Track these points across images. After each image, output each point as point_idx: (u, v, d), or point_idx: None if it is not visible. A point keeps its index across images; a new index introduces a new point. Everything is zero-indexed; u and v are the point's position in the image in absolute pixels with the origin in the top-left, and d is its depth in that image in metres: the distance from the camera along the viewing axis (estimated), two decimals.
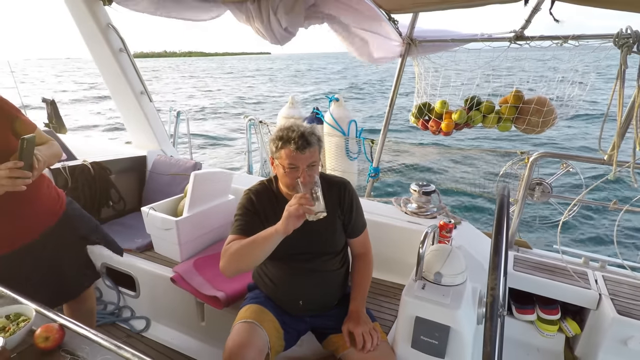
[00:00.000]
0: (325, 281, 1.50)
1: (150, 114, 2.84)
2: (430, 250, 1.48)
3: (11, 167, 1.20)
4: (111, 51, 2.39)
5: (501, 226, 1.11)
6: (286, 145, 1.31)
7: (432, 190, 2.24)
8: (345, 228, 1.51)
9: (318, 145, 1.36)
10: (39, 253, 1.49)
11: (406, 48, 2.24)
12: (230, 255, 1.35)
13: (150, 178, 2.86)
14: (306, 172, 1.32)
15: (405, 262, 2.11)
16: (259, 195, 1.47)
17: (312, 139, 1.32)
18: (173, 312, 2.17)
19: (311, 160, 1.33)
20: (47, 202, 1.51)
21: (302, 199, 1.20)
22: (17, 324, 1.10)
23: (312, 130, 1.35)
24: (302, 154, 1.30)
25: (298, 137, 1.29)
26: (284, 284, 1.49)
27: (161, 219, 2.13)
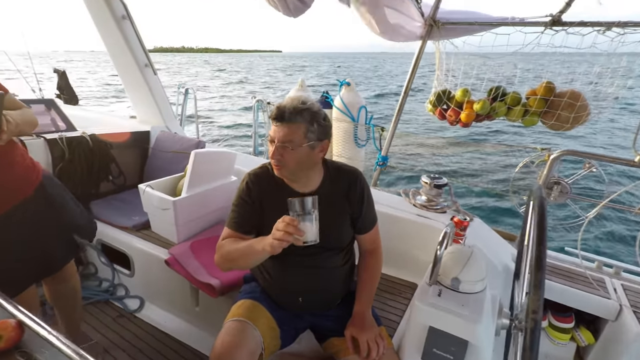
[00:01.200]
0: (328, 278, 1.29)
1: (154, 88, 2.59)
2: (448, 252, 1.25)
3: None
4: (113, 18, 2.12)
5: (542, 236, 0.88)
6: (270, 114, 1.13)
7: (444, 184, 2.01)
8: (353, 223, 1.29)
9: (305, 127, 1.09)
10: (15, 226, 1.28)
11: (428, 30, 1.97)
12: (222, 255, 1.19)
13: (153, 154, 2.64)
14: (277, 149, 1.11)
15: (412, 257, 1.89)
16: (257, 180, 1.24)
17: (293, 114, 1.07)
18: (167, 295, 1.98)
19: (285, 137, 1.09)
20: (20, 172, 1.29)
21: (290, 226, 0.97)
22: None
23: (302, 108, 1.09)
24: (275, 126, 1.11)
25: (277, 107, 1.10)
26: (282, 280, 1.28)
27: (158, 197, 1.92)
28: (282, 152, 1.10)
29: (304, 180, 1.21)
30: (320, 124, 1.12)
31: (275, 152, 1.11)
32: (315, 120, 1.11)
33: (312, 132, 1.11)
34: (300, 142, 1.10)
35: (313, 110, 1.10)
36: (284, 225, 0.98)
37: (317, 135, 1.12)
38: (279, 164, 1.13)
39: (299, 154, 1.11)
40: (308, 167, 1.17)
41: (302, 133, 1.09)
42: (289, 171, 1.15)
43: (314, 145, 1.13)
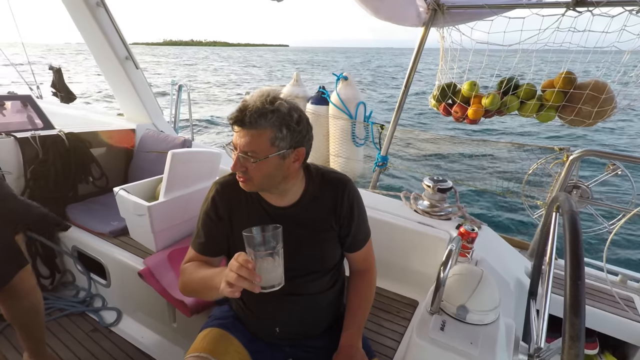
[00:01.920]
0: (310, 306, 1.08)
1: (137, 83, 2.39)
2: (453, 273, 1.03)
3: None
4: (87, 5, 1.92)
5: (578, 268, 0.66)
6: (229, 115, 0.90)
7: (448, 187, 1.79)
8: (341, 241, 1.08)
9: (272, 132, 0.86)
10: None
11: (431, 15, 1.74)
12: (183, 283, 1.01)
13: (137, 154, 2.45)
14: (238, 160, 0.89)
15: (412, 271, 1.68)
16: (225, 190, 1.03)
17: (256, 117, 0.84)
18: (144, 308, 1.79)
19: (246, 147, 0.86)
20: None
21: (244, 269, 0.77)
22: None
23: (268, 109, 0.85)
24: (236, 132, 0.89)
25: (238, 108, 0.87)
26: (256, 307, 1.07)
27: (133, 203, 1.72)
28: (245, 164, 0.89)
29: (279, 192, 1.00)
30: (292, 128, 0.89)
31: (237, 163, 0.89)
32: (285, 124, 0.87)
33: (281, 139, 0.88)
34: (265, 152, 0.87)
35: (281, 111, 0.87)
36: (237, 267, 0.78)
37: (289, 142, 0.89)
38: (243, 176, 0.91)
39: (266, 166, 0.89)
40: (280, 179, 0.95)
41: (268, 140, 0.87)
42: (256, 185, 0.93)
43: (284, 154, 0.90)
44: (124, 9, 49.71)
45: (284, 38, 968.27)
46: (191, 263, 1.02)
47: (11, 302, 1.38)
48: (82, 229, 1.99)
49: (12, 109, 2.25)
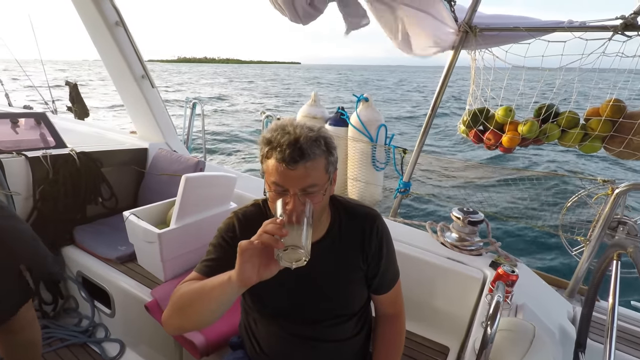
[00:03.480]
0: (335, 353, 0.99)
1: (153, 101, 2.39)
2: (499, 330, 0.93)
3: None
4: (105, 24, 1.93)
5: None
6: (273, 153, 0.80)
7: (479, 220, 1.69)
8: (368, 282, 0.99)
9: (326, 159, 0.82)
10: None
11: (462, 37, 1.68)
12: (173, 302, 0.85)
13: (149, 175, 2.42)
14: (298, 199, 0.80)
15: (441, 312, 1.57)
16: (246, 221, 0.96)
17: (313, 148, 0.78)
18: (149, 343, 1.71)
19: (306, 181, 0.79)
20: None
21: (272, 225, 0.71)
22: None
23: (318, 135, 0.81)
24: (291, 170, 0.78)
25: (288, 143, 0.78)
26: (275, 353, 0.98)
27: (143, 229, 1.66)
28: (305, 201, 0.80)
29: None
30: (335, 150, 0.86)
31: (298, 204, 0.79)
32: (333, 147, 0.84)
33: (331, 163, 0.84)
34: (324, 182, 0.82)
35: (325, 135, 0.83)
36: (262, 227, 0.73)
37: (334, 165, 0.86)
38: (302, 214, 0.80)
39: (325, 197, 0.85)
40: (324, 209, 0.90)
41: (323, 168, 0.82)
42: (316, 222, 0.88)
43: (332, 179, 0.87)
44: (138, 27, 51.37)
45: (295, 55, 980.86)
46: (185, 283, 0.90)
47: (7, 336, 1.31)
48: (88, 253, 1.94)
49: (26, 126, 2.26)
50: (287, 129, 0.81)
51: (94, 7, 1.85)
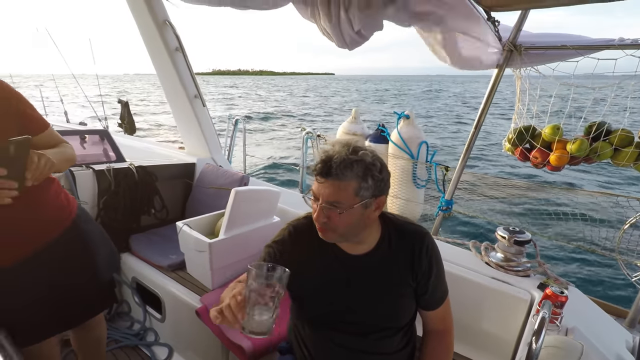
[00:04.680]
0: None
1: (202, 119, 2.63)
2: (545, 346, 0.97)
3: None
4: (167, 50, 2.20)
5: None
6: (312, 166, 0.97)
7: (526, 240, 1.71)
8: (418, 298, 1.07)
9: (357, 183, 0.92)
10: (37, 270, 1.23)
11: (506, 56, 1.75)
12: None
13: (196, 188, 2.63)
14: (322, 211, 0.93)
15: (485, 332, 1.59)
16: (298, 233, 1.08)
17: (342, 169, 0.89)
18: (197, 348, 1.85)
19: (331, 197, 0.91)
20: (51, 211, 1.26)
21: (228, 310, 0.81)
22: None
23: (353, 159, 0.91)
24: (320, 183, 0.94)
25: (322, 159, 0.93)
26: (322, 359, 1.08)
27: (195, 238, 1.84)
28: (329, 214, 0.93)
29: (356, 241, 1.03)
30: (376, 177, 0.93)
31: (320, 214, 0.94)
32: (370, 174, 0.92)
33: (365, 189, 0.93)
34: (350, 203, 0.92)
35: (366, 161, 0.92)
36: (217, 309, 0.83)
37: (372, 191, 0.94)
38: (324, 227, 0.96)
39: (350, 216, 0.93)
40: (360, 229, 0.99)
41: (353, 191, 0.92)
42: (338, 235, 0.98)
43: (367, 203, 0.94)
44: None
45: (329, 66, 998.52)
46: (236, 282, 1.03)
47: (82, 332, 1.51)
48: (142, 260, 2.15)
49: (90, 142, 2.57)
50: (328, 151, 0.94)
51: (158, 34, 2.12)
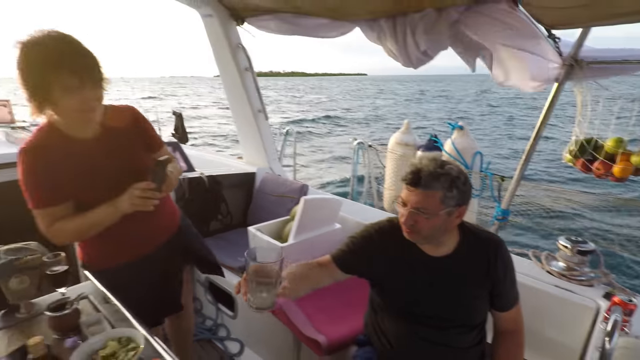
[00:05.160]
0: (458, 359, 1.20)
1: (264, 131, 2.87)
2: (619, 347, 1.07)
3: (144, 187, 1.21)
4: (237, 70, 2.46)
5: None
6: (403, 176, 1.12)
7: (590, 250, 1.77)
8: (492, 300, 1.20)
9: (442, 193, 1.06)
10: (152, 266, 1.48)
11: (567, 71, 1.83)
12: None
13: (257, 196, 2.87)
14: (410, 214, 1.09)
15: (549, 339, 1.67)
16: (383, 232, 1.24)
17: (430, 180, 1.06)
18: (268, 343, 2.05)
19: (419, 204, 1.07)
20: (165, 218, 1.51)
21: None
22: (127, 351, 1.04)
23: (440, 173, 1.06)
24: (409, 191, 1.10)
25: (412, 170, 1.09)
26: (405, 352, 1.22)
27: (267, 242, 2.05)
28: (416, 219, 1.09)
29: (437, 243, 1.18)
30: (460, 189, 1.09)
31: (409, 218, 1.10)
32: (455, 185, 1.08)
33: (450, 198, 1.08)
34: (436, 210, 1.07)
35: (452, 175, 1.08)
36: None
37: (456, 201, 1.09)
38: (410, 229, 1.12)
39: (434, 221, 1.08)
40: (442, 233, 1.14)
41: (439, 200, 1.07)
42: (422, 237, 1.14)
43: (450, 212, 1.10)
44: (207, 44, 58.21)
45: (361, 67, 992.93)
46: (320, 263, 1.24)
47: (176, 320, 1.75)
48: None
49: None
50: (422, 162, 1.11)
51: (231, 56, 2.38)
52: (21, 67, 1.06)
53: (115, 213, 1.23)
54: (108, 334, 1.08)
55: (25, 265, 1.20)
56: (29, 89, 1.08)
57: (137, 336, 1.08)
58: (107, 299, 1.31)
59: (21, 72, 1.07)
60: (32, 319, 1.25)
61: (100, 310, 1.30)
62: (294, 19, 1.99)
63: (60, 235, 1.22)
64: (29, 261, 1.21)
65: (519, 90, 1.96)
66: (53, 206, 1.20)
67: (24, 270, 1.21)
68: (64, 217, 1.22)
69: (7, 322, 1.23)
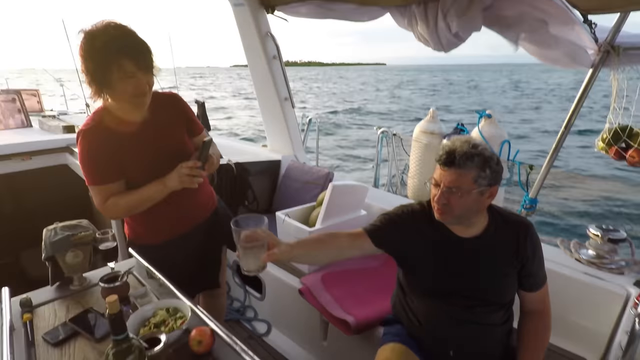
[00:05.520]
0: (486, 336, 1.25)
1: (290, 119, 2.94)
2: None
3: (191, 166, 1.32)
4: (266, 58, 2.52)
5: None
6: (437, 157, 1.17)
7: (621, 238, 1.78)
8: (521, 280, 1.24)
9: (476, 172, 1.11)
10: (192, 243, 1.59)
11: (602, 57, 1.82)
12: None
13: (283, 182, 2.95)
14: (443, 194, 1.14)
15: (578, 325, 1.69)
16: (414, 213, 1.29)
17: (464, 159, 1.10)
18: (295, 324, 2.14)
19: (453, 183, 1.12)
20: (204, 197, 1.62)
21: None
22: (175, 320, 1.13)
23: (473, 153, 1.11)
24: (443, 170, 1.14)
25: (446, 151, 1.13)
26: (434, 329, 1.28)
27: (295, 227, 2.13)
28: (449, 197, 1.13)
29: (466, 224, 1.22)
30: (493, 168, 1.13)
31: (441, 196, 1.15)
32: (488, 165, 1.12)
33: (482, 177, 1.12)
34: (469, 189, 1.12)
35: (485, 155, 1.12)
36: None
37: (489, 180, 1.13)
38: (443, 209, 1.16)
39: (467, 200, 1.13)
40: (473, 213, 1.18)
41: (472, 179, 1.11)
42: (454, 217, 1.17)
43: (483, 191, 1.14)
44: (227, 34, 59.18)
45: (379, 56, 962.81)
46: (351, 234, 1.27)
47: (211, 299, 1.86)
48: None
49: None
50: (451, 144, 1.15)
51: (260, 44, 2.45)
52: (84, 53, 1.19)
53: (164, 190, 1.34)
54: (157, 304, 1.18)
55: (79, 240, 1.32)
56: (90, 74, 1.21)
57: (184, 307, 1.17)
58: (150, 274, 1.42)
59: (84, 57, 1.19)
60: (84, 290, 1.38)
61: (145, 285, 1.42)
62: (326, 3, 2.03)
63: (113, 210, 1.34)
64: (82, 237, 1.32)
65: (554, 82, 1.95)
66: (107, 183, 1.32)
67: (78, 246, 1.32)
68: (116, 193, 1.33)
69: (62, 293, 1.35)
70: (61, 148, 3.09)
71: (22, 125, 4.28)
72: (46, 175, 3.19)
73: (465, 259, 1.22)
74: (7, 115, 4.27)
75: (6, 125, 4.20)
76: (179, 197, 1.41)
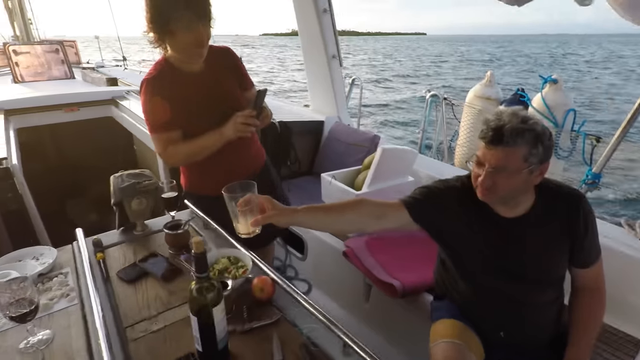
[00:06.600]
0: (536, 315, 1.24)
1: (336, 78, 2.92)
2: None
3: (247, 114, 1.40)
4: (316, 11, 2.49)
5: None
6: (481, 134, 1.09)
7: None
8: (573, 256, 1.20)
9: (527, 149, 1.03)
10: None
11: None
12: None
13: (326, 144, 2.99)
14: (488, 175, 1.06)
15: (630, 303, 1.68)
16: (453, 192, 1.24)
17: (513, 136, 1.01)
18: (337, 285, 2.24)
19: (500, 163, 1.04)
20: (255, 151, 1.71)
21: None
22: (237, 269, 1.23)
23: (524, 128, 1.02)
24: (488, 149, 1.07)
25: (493, 127, 1.04)
26: (483, 308, 1.28)
27: (341, 189, 2.19)
28: (495, 178, 1.07)
29: (513, 204, 1.17)
30: (545, 144, 1.06)
31: (486, 178, 1.07)
32: (540, 141, 1.04)
33: (534, 155, 1.04)
34: (519, 168, 1.04)
35: (537, 130, 1.04)
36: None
37: (540, 158, 1.06)
38: (487, 191, 1.10)
39: (515, 180, 1.06)
40: (521, 192, 1.13)
41: (522, 157, 1.04)
42: (499, 197, 1.12)
43: (533, 169, 1.07)
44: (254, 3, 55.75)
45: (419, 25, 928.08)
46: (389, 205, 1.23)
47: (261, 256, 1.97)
48: None
49: None
50: (497, 117, 1.07)
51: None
52: (149, 4, 1.25)
53: (221, 139, 1.43)
54: (220, 252, 1.28)
55: (144, 188, 1.42)
56: (153, 22, 1.29)
57: (244, 257, 1.27)
58: (207, 225, 1.53)
59: (148, 7, 1.27)
60: (147, 236, 1.50)
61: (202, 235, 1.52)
62: None
63: (173, 156, 1.46)
64: (147, 185, 1.43)
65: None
66: (167, 131, 1.43)
67: (143, 193, 1.43)
68: (176, 142, 1.44)
69: (126, 238, 1.49)
70: (107, 100, 3.24)
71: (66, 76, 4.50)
72: (91, 127, 3.38)
73: (512, 240, 1.19)
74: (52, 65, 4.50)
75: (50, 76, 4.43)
76: (233, 148, 1.49)
